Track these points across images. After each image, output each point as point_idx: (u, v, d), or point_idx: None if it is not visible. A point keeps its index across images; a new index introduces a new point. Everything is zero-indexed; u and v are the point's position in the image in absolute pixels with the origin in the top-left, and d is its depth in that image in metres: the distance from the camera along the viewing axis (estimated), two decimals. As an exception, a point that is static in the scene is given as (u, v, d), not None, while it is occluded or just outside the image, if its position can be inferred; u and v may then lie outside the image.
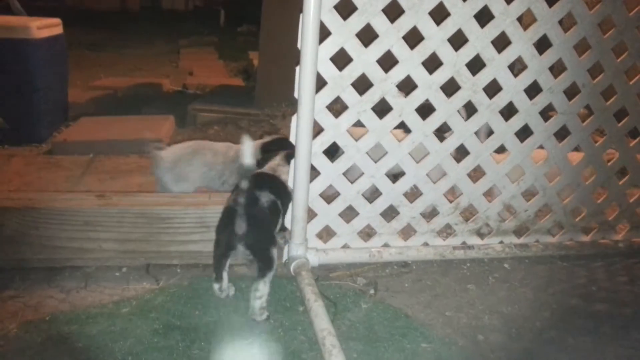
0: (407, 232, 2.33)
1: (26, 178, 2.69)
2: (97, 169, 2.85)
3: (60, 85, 3.87)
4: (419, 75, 2.08)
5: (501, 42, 2.12)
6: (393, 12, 1.98)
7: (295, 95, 1.95)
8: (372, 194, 2.28)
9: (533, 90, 2.23)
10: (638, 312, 2.08)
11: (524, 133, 2.29)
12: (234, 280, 2.05)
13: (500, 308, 2.02)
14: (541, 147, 2.33)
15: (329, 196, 2.20)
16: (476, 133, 2.22)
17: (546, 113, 2.31)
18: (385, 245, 2.30)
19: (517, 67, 2.22)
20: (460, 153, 2.27)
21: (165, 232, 2.13)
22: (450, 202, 2.31)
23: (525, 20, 2.15)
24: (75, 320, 1.77)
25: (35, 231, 2.04)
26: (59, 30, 3.74)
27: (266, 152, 2.34)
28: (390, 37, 1.99)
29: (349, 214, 2.22)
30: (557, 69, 2.24)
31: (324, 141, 2.08)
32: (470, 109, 2.20)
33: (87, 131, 3.55)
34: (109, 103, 4.77)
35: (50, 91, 3.58)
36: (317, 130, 2.06)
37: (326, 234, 2.23)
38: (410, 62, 2.05)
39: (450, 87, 2.13)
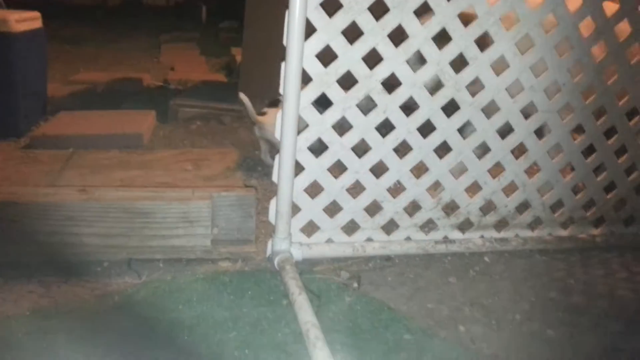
0: (390, 226, 2.35)
1: (4, 172, 2.64)
2: (77, 163, 2.81)
3: (39, 79, 3.80)
4: (404, 73, 2.11)
5: (484, 42, 2.16)
6: (378, 10, 2.00)
7: (281, 91, 1.96)
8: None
9: (513, 88, 2.27)
10: (614, 304, 2.13)
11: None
12: (217, 275, 2.05)
13: (480, 300, 2.06)
14: (522, 144, 2.37)
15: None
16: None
17: (527, 111, 2.36)
18: (369, 239, 2.32)
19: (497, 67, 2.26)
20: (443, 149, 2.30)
21: (147, 226, 2.11)
22: (433, 197, 2.35)
23: (508, 20, 2.19)
24: (56, 315, 1.75)
25: (16, 225, 2.01)
26: (38, 23, 3.66)
27: None
28: (375, 35, 2.01)
29: (333, 208, 2.23)
30: (537, 67, 2.28)
31: (308, 137, 2.09)
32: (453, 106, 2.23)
33: (67, 126, 3.49)
34: (89, 98, 4.70)
35: (28, 85, 3.52)
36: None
37: (310, 228, 2.24)
38: (394, 60, 2.07)
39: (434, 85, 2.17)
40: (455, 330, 1.85)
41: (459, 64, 2.16)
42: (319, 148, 2.14)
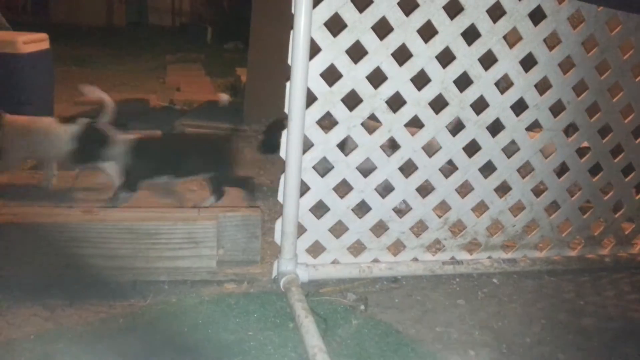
0: (397, 247, 2.33)
1: (10, 193, 2.65)
2: (83, 184, 2.82)
3: (46, 100, 3.84)
4: (408, 91, 2.11)
5: (488, 60, 2.16)
6: (382, 29, 2.01)
7: (286, 110, 1.96)
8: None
9: (518, 107, 2.27)
10: (625, 326, 2.10)
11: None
12: (223, 297, 2.03)
13: (490, 323, 2.02)
14: (528, 163, 2.36)
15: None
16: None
17: (532, 130, 2.35)
18: (375, 260, 2.30)
19: (501, 85, 2.26)
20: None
21: (153, 247, 2.10)
22: (439, 217, 2.33)
23: (511, 38, 2.20)
24: (61, 338, 1.72)
25: (20, 247, 2.00)
26: (45, 45, 3.72)
27: None
28: (379, 54, 2.02)
29: (339, 229, 2.21)
30: (541, 86, 2.28)
31: (313, 157, 2.09)
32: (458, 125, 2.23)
33: (73, 146, 3.51)
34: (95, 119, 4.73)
35: (36, 106, 3.55)
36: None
37: (316, 249, 2.22)
38: (399, 79, 2.08)
39: (437, 104, 2.16)
40: (465, 355, 1.81)
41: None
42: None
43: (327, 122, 2.11)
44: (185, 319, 1.88)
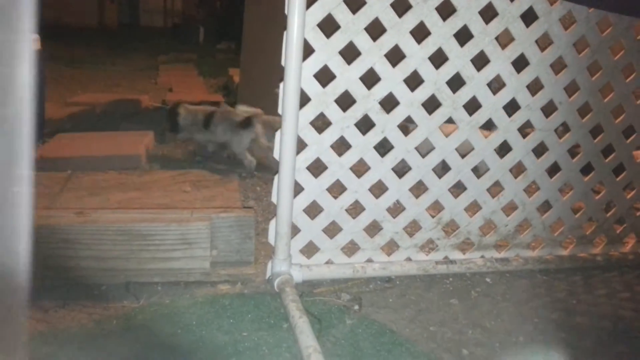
0: (391, 247, 2.34)
1: None
2: (75, 185, 2.79)
3: (37, 101, 3.81)
4: (401, 92, 2.12)
5: (480, 61, 2.17)
6: (375, 30, 2.02)
7: (279, 111, 1.96)
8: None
9: (510, 107, 2.28)
10: (617, 325, 2.11)
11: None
12: (217, 298, 2.02)
13: (483, 322, 2.03)
14: (520, 163, 2.37)
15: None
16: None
17: (524, 130, 2.36)
18: (369, 260, 2.31)
19: (493, 86, 2.27)
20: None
21: (146, 249, 2.09)
22: (433, 217, 2.34)
23: (503, 39, 2.21)
24: (54, 340, 1.71)
25: (12, 249, 1.98)
26: (36, 46, 3.69)
27: None
28: (372, 55, 2.03)
29: (333, 229, 2.22)
30: (533, 87, 2.29)
31: (307, 157, 2.09)
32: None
33: (65, 147, 3.49)
34: (87, 119, 4.70)
35: (27, 107, 3.52)
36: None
37: (310, 249, 2.22)
38: (392, 80, 2.08)
39: (430, 105, 2.17)
40: (459, 354, 1.82)
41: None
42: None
43: (320, 123, 2.11)
44: (179, 320, 1.87)
